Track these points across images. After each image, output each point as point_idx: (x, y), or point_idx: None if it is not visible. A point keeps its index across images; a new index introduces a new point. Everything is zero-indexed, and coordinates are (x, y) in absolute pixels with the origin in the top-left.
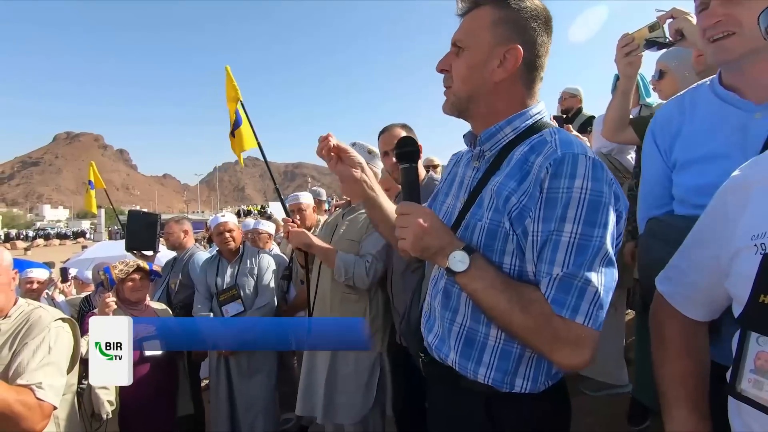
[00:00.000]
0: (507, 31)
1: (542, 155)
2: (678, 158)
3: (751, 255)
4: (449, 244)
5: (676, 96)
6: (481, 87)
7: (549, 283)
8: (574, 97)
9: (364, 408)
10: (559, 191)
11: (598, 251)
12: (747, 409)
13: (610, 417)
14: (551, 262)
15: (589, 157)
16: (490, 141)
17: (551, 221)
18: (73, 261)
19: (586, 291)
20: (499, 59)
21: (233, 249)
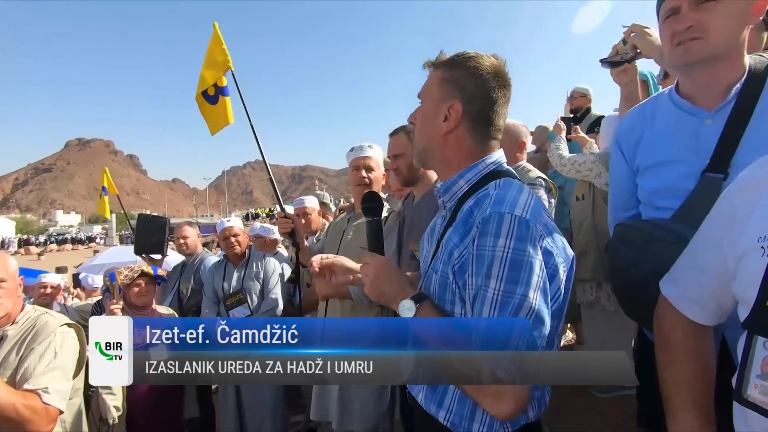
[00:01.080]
0: (450, 89)
1: (480, 210)
2: (640, 163)
3: (758, 257)
4: (401, 292)
5: (639, 104)
6: (433, 139)
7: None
8: (584, 97)
9: (378, 413)
10: (486, 249)
11: (518, 308)
12: (753, 416)
13: (619, 418)
14: (479, 315)
15: (515, 216)
16: (447, 193)
17: (479, 277)
18: (85, 266)
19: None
20: (444, 114)
21: (239, 253)
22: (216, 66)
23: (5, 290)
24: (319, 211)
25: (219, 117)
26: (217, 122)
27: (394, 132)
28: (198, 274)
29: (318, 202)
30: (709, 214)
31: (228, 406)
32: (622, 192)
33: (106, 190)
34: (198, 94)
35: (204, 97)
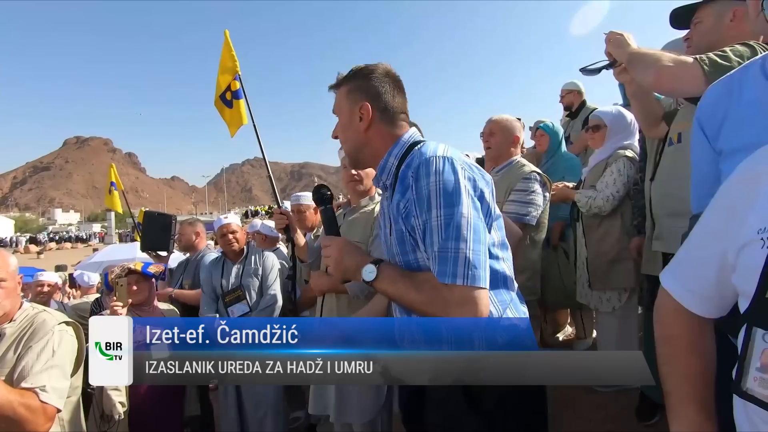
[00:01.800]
0: (355, 96)
1: (411, 167)
2: (724, 146)
3: (758, 249)
4: (362, 261)
5: (726, 76)
6: (357, 140)
7: (432, 260)
8: (573, 92)
9: (376, 407)
10: (422, 189)
11: (459, 223)
12: (753, 408)
13: (620, 412)
14: (431, 244)
15: (439, 157)
16: (384, 173)
17: (422, 213)
18: (84, 264)
19: (458, 258)
20: (358, 116)
21: (237, 250)
22: (227, 71)
23: (5, 290)
24: (315, 208)
25: (235, 119)
26: (235, 124)
27: None
28: (197, 270)
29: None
30: (709, 206)
31: (228, 404)
32: (704, 177)
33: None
34: (216, 100)
35: (223, 102)
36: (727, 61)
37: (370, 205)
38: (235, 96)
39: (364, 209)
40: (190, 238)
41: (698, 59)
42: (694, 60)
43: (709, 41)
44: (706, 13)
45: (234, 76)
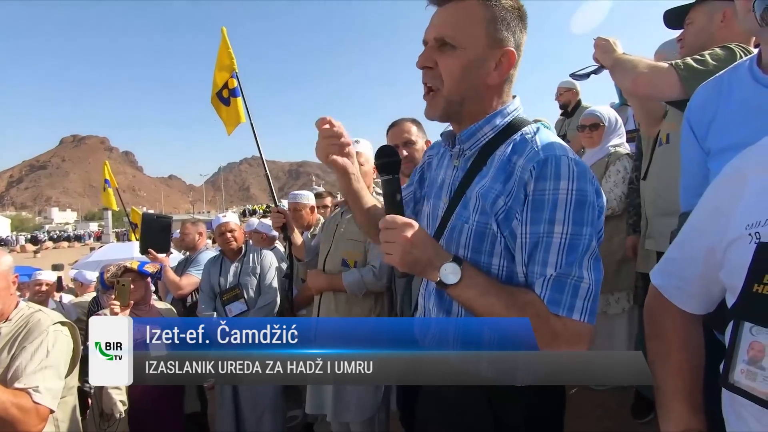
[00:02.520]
0: (500, 33)
1: (524, 157)
2: (712, 145)
3: (745, 244)
4: (437, 256)
5: (716, 77)
6: (475, 89)
7: (543, 283)
8: (570, 91)
9: (373, 405)
10: (546, 193)
11: (587, 249)
12: (740, 401)
13: (617, 410)
14: (543, 263)
15: (571, 158)
16: (470, 140)
17: (540, 223)
18: (81, 263)
19: (579, 288)
20: (495, 62)
21: (235, 249)
22: (225, 68)
23: None
24: (312, 206)
25: (232, 117)
26: (232, 122)
27: (393, 124)
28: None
29: (314, 197)
30: (697, 205)
31: (225, 402)
32: (693, 175)
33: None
34: (213, 97)
35: (219, 100)
36: (703, 66)
37: None
38: (232, 94)
39: None
40: (193, 238)
41: (673, 65)
42: (668, 66)
43: (700, 41)
44: (698, 14)
45: (231, 74)
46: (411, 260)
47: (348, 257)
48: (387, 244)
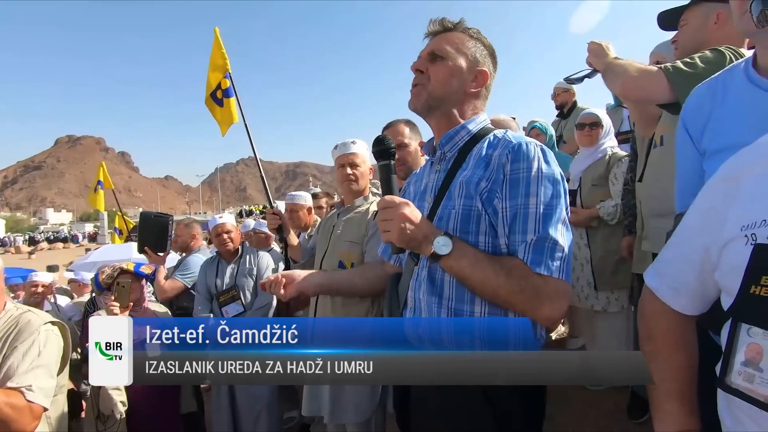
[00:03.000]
0: (482, 56)
1: (499, 148)
2: (707, 146)
3: (741, 246)
4: (431, 232)
5: (710, 78)
6: (455, 93)
7: (525, 248)
8: (567, 92)
9: (370, 406)
10: (520, 172)
11: (559, 217)
12: (737, 402)
13: (613, 410)
14: (523, 231)
15: (537, 144)
16: (450, 143)
17: (517, 197)
18: (78, 264)
19: (555, 249)
20: (474, 75)
21: (232, 250)
22: (218, 69)
23: None
24: (309, 207)
25: (226, 117)
26: (225, 122)
27: (388, 125)
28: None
29: (311, 198)
30: (692, 205)
31: (221, 403)
32: (689, 176)
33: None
34: (207, 98)
35: (213, 100)
36: (692, 68)
37: (365, 204)
38: (225, 94)
39: (358, 209)
40: (186, 240)
41: (662, 68)
42: (658, 69)
43: (694, 43)
44: (692, 16)
45: (224, 74)
46: (408, 236)
47: (345, 259)
48: (385, 222)
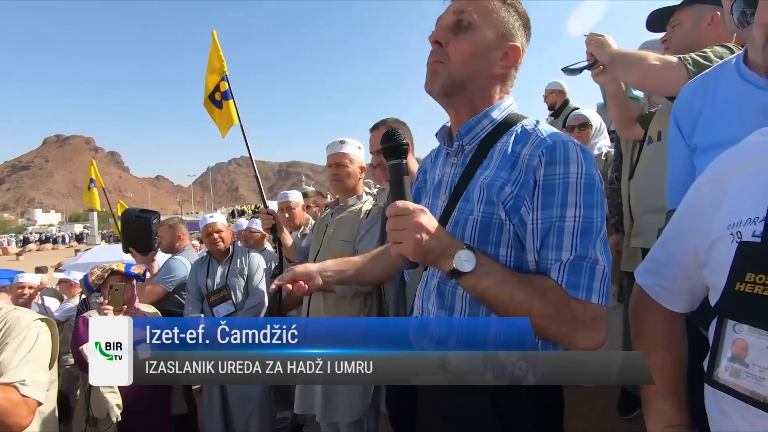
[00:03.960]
0: (513, 28)
1: (530, 145)
2: (698, 142)
3: (728, 244)
4: (451, 245)
5: (702, 74)
6: (480, 74)
7: (560, 268)
8: (556, 92)
9: (363, 406)
10: (556, 178)
11: (599, 231)
12: (724, 397)
13: (603, 407)
14: (558, 248)
15: (576, 144)
16: (470, 134)
17: (552, 208)
18: (69, 265)
19: (595, 270)
20: (503, 52)
21: (222, 250)
22: (215, 71)
23: None
24: (303, 205)
25: (225, 119)
26: (225, 124)
27: (375, 126)
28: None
29: (303, 195)
30: (680, 204)
31: (213, 404)
32: (679, 173)
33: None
34: (205, 100)
35: (212, 103)
36: (708, 62)
37: (358, 203)
38: (224, 96)
39: (351, 208)
40: (169, 241)
41: (682, 59)
42: (678, 60)
43: (688, 42)
44: (685, 16)
45: (222, 76)
46: (424, 249)
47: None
48: (396, 232)
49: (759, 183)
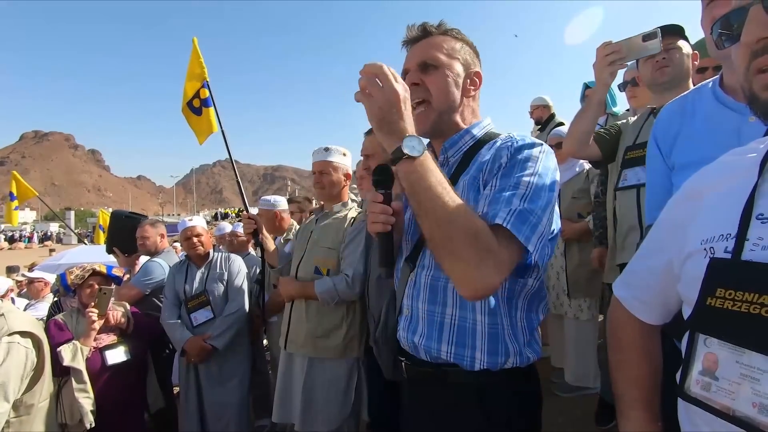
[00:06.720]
0: (470, 57)
1: (501, 145)
2: (676, 161)
3: (701, 259)
4: (409, 127)
5: (681, 96)
6: (455, 102)
7: (509, 213)
8: (540, 107)
9: (342, 414)
10: (517, 160)
11: (547, 204)
12: (695, 410)
13: (580, 417)
14: (509, 202)
15: (542, 143)
16: (454, 147)
17: (509, 177)
18: (44, 266)
19: (538, 227)
20: (469, 79)
21: (202, 254)
22: (195, 78)
23: None
24: (287, 210)
25: (204, 126)
26: (203, 131)
27: (368, 131)
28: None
29: (289, 201)
30: (657, 220)
31: (189, 411)
32: (658, 190)
33: (14, 196)
34: (184, 107)
35: (190, 109)
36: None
37: (343, 211)
38: (204, 104)
39: (336, 215)
40: (155, 240)
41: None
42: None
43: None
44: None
45: (202, 83)
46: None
47: (321, 265)
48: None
49: (731, 200)
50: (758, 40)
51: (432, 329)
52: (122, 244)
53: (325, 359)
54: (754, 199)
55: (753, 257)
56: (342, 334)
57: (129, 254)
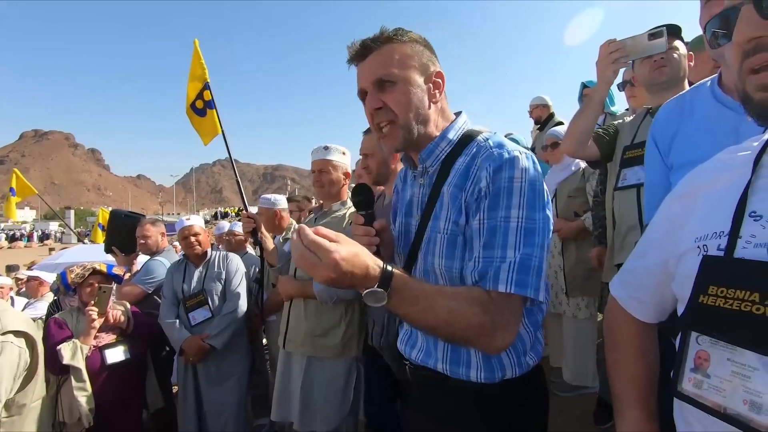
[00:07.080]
0: (425, 59)
1: (481, 158)
2: (674, 160)
3: (694, 257)
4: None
5: (678, 95)
6: (424, 111)
7: (509, 271)
8: (540, 107)
9: (341, 413)
10: (502, 182)
11: (543, 231)
12: (688, 408)
13: (579, 416)
14: (503, 255)
15: (522, 152)
16: (431, 157)
17: (499, 209)
18: (42, 265)
19: (540, 269)
20: (431, 83)
21: (200, 253)
22: (197, 79)
23: None
24: (287, 209)
25: (209, 127)
26: (208, 133)
27: (367, 130)
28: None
29: (288, 200)
30: (653, 219)
31: (188, 410)
32: (656, 189)
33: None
34: (187, 108)
35: (193, 111)
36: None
37: (342, 209)
38: (208, 105)
39: (335, 214)
40: (156, 239)
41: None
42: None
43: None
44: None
45: (204, 84)
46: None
47: None
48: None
49: (725, 198)
50: (749, 39)
51: (429, 344)
52: (121, 244)
53: (324, 358)
54: (747, 197)
55: (745, 255)
56: (340, 333)
57: (127, 253)
